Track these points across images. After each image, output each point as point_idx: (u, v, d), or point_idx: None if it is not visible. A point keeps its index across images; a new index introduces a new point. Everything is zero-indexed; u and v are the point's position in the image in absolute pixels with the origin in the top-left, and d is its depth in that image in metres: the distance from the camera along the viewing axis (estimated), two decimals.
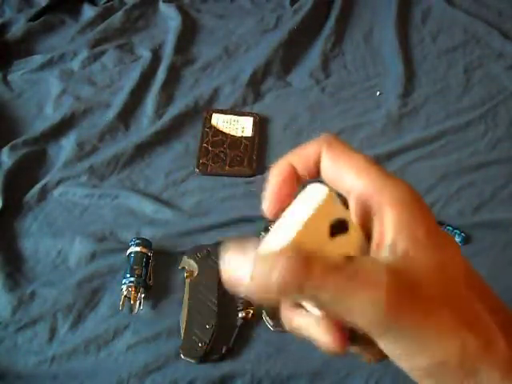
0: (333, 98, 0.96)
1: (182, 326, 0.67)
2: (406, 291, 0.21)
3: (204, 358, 0.65)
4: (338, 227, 0.24)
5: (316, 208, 0.23)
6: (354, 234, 0.24)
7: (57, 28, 1.05)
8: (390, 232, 0.22)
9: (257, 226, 0.76)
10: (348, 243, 0.24)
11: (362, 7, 1.11)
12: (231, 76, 0.97)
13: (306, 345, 0.71)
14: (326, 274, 0.21)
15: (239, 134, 0.89)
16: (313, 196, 0.24)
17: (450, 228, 0.76)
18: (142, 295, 0.68)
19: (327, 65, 1.01)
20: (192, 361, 0.65)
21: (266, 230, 0.75)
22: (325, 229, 0.23)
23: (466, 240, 0.76)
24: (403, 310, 0.21)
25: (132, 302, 0.68)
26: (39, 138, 0.86)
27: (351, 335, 0.24)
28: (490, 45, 1.04)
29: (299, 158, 0.25)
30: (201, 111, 0.92)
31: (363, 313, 0.21)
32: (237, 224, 0.77)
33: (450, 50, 1.04)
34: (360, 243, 0.24)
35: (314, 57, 1.02)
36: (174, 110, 0.91)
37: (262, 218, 0.77)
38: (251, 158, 0.86)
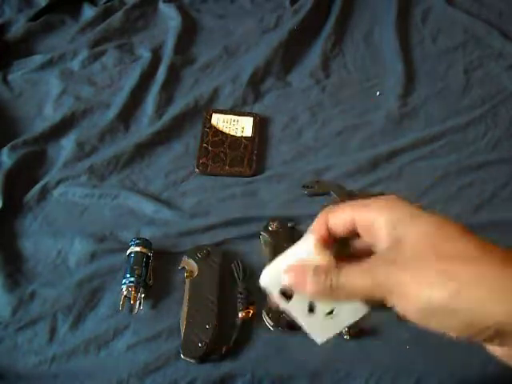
0: (333, 98, 0.96)
1: (182, 326, 0.67)
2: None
3: (204, 358, 0.65)
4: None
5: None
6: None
7: (57, 28, 1.05)
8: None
9: (257, 225, 0.76)
10: None
11: (362, 7, 1.12)
12: (231, 76, 0.97)
13: (306, 345, 0.71)
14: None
15: (239, 134, 0.89)
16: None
17: None
18: (142, 295, 0.68)
19: (327, 65, 1.01)
20: (192, 361, 0.65)
21: (266, 229, 0.75)
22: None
23: None
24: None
25: (132, 302, 0.68)
26: (39, 138, 0.86)
27: None
28: (490, 45, 1.04)
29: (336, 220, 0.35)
30: (201, 111, 0.92)
31: None
32: (237, 224, 0.77)
33: (450, 50, 1.04)
34: None
35: (313, 57, 1.02)
36: (174, 110, 0.91)
37: (261, 218, 0.77)
38: (251, 158, 0.86)
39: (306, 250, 0.36)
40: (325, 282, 0.33)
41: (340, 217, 0.34)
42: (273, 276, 0.37)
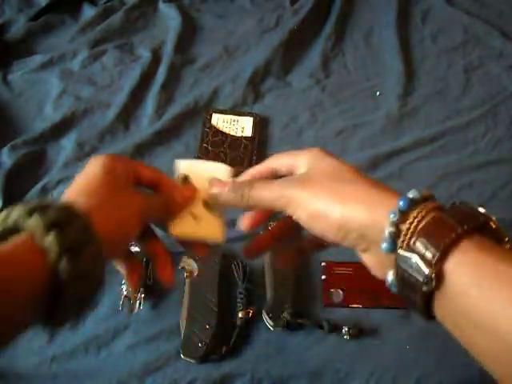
0: (333, 98, 0.96)
1: (182, 326, 0.67)
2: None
3: (204, 358, 0.65)
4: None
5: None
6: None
7: (57, 28, 1.05)
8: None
9: None
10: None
11: (362, 7, 1.11)
12: (231, 76, 0.97)
13: (305, 345, 0.71)
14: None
15: (239, 134, 0.89)
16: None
17: None
18: (142, 295, 0.69)
19: (327, 65, 1.01)
20: (192, 361, 0.65)
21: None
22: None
23: None
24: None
25: (132, 301, 0.68)
26: (39, 138, 0.86)
27: None
28: (490, 45, 1.04)
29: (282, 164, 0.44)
30: (201, 111, 0.92)
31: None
32: (237, 224, 0.77)
33: (450, 50, 1.04)
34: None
35: (314, 57, 1.02)
36: (174, 110, 0.91)
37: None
38: (251, 158, 0.86)
39: (222, 173, 0.47)
40: (238, 192, 0.42)
41: (284, 160, 0.44)
42: (184, 168, 0.47)
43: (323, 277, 0.72)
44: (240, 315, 0.68)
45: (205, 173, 0.46)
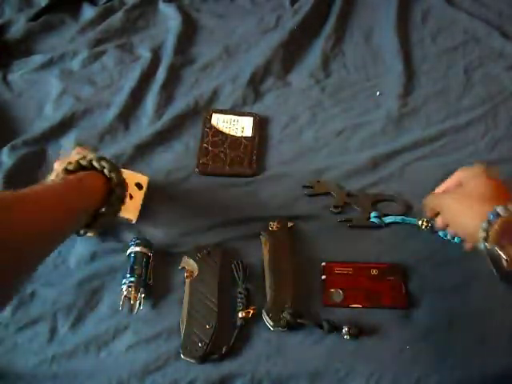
0: (333, 97, 0.96)
1: (182, 326, 0.67)
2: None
3: (204, 358, 0.65)
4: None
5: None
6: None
7: (57, 28, 1.05)
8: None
9: (257, 226, 0.76)
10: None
11: (362, 7, 1.12)
12: (231, 76, 0.97)
13: (305, 345, 0.71)
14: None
15: (239, 134, 0.89)
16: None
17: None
18: (142, 295, 0.69)
19: (327, 65, 1.01)
20: (192, 361, 0.65)
21: (266, 229, 0.75)
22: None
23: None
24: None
25: (132, 301, 0.68)
26: (39, 138, 0.86)
27: None
28: (490, 45, 1.04)
29: None
30: (201, 111, 0.92)
31: None
32: (237, 224, 0.77)
33: (450, 50, 1.04)
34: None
35: (314, 57, 1.02)
36: (174, 110, 0.91)
37: (261, 218, 0.77)
38: (251, 158, 0.86)
39: (143, 180, 0.78)
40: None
41: (462, 173, 0.65)
42: None
43: (323, 277, 0.72)
44: (240, 315, 0.68)
45: (130, 176, 0.74)
